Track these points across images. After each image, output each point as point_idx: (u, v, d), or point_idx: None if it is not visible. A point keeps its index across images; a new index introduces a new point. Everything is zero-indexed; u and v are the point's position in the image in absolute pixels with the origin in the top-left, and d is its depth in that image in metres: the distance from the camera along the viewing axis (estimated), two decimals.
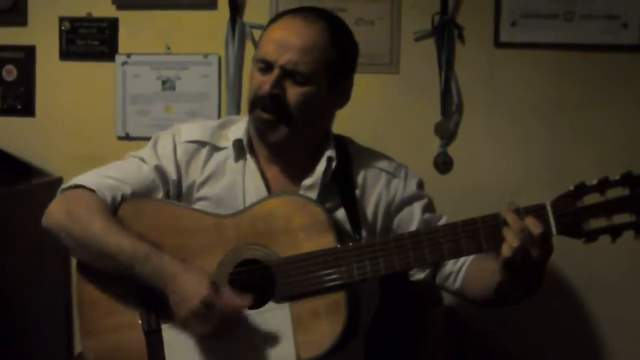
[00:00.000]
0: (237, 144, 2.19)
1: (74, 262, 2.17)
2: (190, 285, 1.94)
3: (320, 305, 1.96)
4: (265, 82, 2.07)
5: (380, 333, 2.36)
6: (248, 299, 1.95)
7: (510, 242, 1.83)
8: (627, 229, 1.84)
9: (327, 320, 1.95)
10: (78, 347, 2.86)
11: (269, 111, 2.08)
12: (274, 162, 2.19)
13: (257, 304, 1.99)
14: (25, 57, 3.17)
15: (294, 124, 2.09)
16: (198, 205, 2.18)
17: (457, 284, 2.20)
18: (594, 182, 1.84)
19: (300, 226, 1.99)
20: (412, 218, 2.22)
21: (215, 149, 2.21)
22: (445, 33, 2.91)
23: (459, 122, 2.95)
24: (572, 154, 2.91)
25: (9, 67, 3.17)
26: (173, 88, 3.07)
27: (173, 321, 2.02)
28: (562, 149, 2.91)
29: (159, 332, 2.06)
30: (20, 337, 2.78)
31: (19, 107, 3.18)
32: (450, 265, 2.20)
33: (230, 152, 2.20)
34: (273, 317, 1.98)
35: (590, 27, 2.86)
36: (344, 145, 2.24)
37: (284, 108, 2.07)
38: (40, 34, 3.16)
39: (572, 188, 1.85)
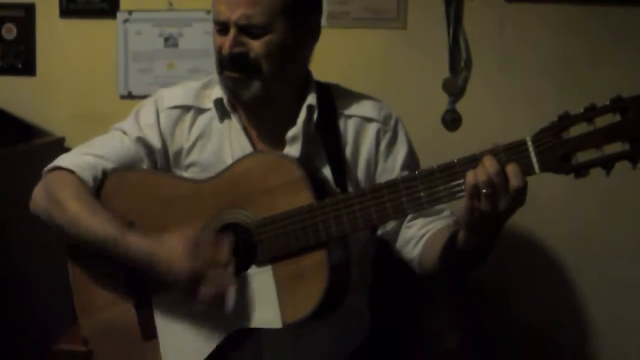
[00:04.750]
0: (218, 103, 2.18)
1: None
2: (168, 267, 1.95)
3: (302, 265, 1.94)
4: (225, 43, 2.05)
5: (385, 290, 2.36)
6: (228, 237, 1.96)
7: (478, 174, 1.75)
8: (621, 159, 1.68)
9: (310, 280, 1.92)
10: None
11: (236, 70, 2.07)
12: (257, 118, 2.17)
13: (241, 268, 1.98)
14: (25, 16, 3.18)
15: (264, 76, 2.06)
16: (189, 172, 2.21)
17: (417, 250, 2.15)
18: (581, 110, 1.70)
19: (277, 185, 1.97)
20: (393, 171, 2.18)
21: (200, 111, 2.21)
22: None
23: (467, 79, 2.95)
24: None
25: (9, 25, 3.18)
26: (176, 45, 3.08)
27: (162, 293, 2.06)
28: (570, 105, 2.86)
29: (149, 305, 2.09)
30: (24, 300, 2.81)
31: (20, 66, 3.20)
32: (414, 230, 2.16)
33: (215, 112, 2.19)
34: (256, 281, 1.98)
35: None
36: (328, 92, 2.21)
37: (250, 63, 2.05)
38: None
39: (555, 119, 1.72)
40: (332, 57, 2.89)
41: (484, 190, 1.74)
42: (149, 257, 1.96)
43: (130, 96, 3.11)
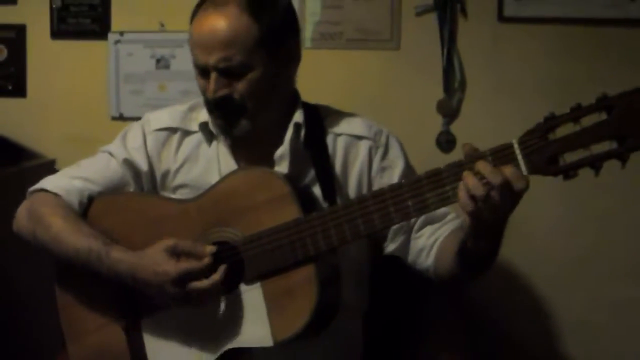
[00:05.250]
0: (204, 126, 2.18)
1: None
2: (153, 275, 1.95)
3: (291, 281, 1.94)
4: (208, 87, 2.05)
5: (380, 316, 2.35)
6: (210, 248, 1.96)
7: (472, 188, 1.72)
8: (609, 158, 1.66)
9: (299, 296, 1.92)
10: None
11: (223, 112, 2.07)
12: (245, 140, 2.15)
13: (230, 287, 1.98)
14: (16, 37, 3.17)
15: (251, 113, 2.07)
16: (178, 194, 2.20)
17: (430, 260, 2.14)
18: (567, 111, 1.68)
19: (263, 201, 1.97)
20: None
21: (187, 133, 2.22)
22: (447, 7, 2.91)
23: (462, 100, 2.95)
24: None
25: None
26: (167, 67, 3.07)
27: (151, 316, 2.06)
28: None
29: (138, 327, 2.09)
30: (13, 325, 2.78)
31: (10, 87, 3.19)
32: (423, 240, 2.16)
33: (202, 135, 2.19)
34: (246, 299, 1.98)
35: (597, 1, 2.84)
36: (316, 112, 2.21)
37: (237, 105, 2.05)
38: (31, 12, 3.16)
39: (541, 120, 1.71)
40: (324, 79, 2.90)
41: (482, 202, 1.73)
42: (133, 268, 1.97)
43: (121, 118, 3.10)
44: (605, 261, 2.94)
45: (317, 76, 2.76)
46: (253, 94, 2.04)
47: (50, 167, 3.03)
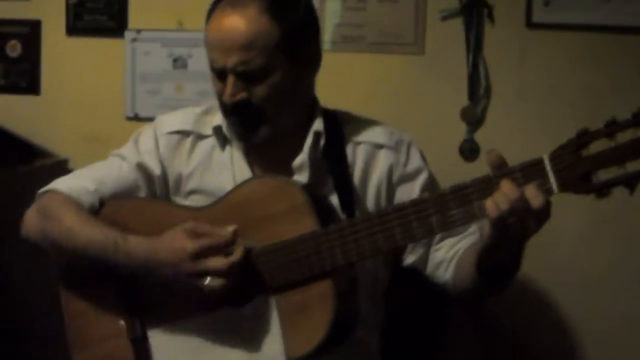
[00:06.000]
0: (218, 131, 2.14)
1: None
2: (170, 253, 1.92)
3: (306, 296, 1.89)
4: (224, 91, 2.01)
5: (398, 329, 2.32)
6: (232, 227, 1.91)
7: (499, 203, 1.68)
8: None
9: (315, 312, 1.87)
10: None
11: (241, 118, 2.04)
12: (261, 146, 2.12)
13: (242, 300, 1.95)
14: (30, 32, 3.16)
15: (270, 119, 2.03)
16: (189, 200, 2.17)
17: (449, 274, 2.10)
18: (601, 126, 1.62)
19: (279, 211, 1.93)
20: (411, 196, 2.07)
21: (200, 137, 2.18)
22: (474, 12, 2.87)
23: (486, 107, 2.91)
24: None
25: (13, 42, 3.17)
26: (185, 66, 3.05)
27: (160, 326, 2.03)
28: None
29: (145, 338, 2.06)
30: (20, 328, 2.77)
31: (24, 84, 3.18)
32: (442, 252, 2.11)
33: (215, 140, 2.16)
34: (259, 313, 1.94)
35: (629, 9, 2.80)
36: (335, 119, 2.16)
37: (256, 110, 2.01)
38: (46, 8, 3.15)
39: (574, 136, 1.65)
40: (346, 82, 2.88)
41: (509, 220, 1.69)
42: (151, 250, 1.94)
43: (136, 118, 3.08)
44: (626, 275, 2.90)
45: (337, 80, 2.74)
46: (272, 98, 2.00)
47: (62, 167, 3.01)
